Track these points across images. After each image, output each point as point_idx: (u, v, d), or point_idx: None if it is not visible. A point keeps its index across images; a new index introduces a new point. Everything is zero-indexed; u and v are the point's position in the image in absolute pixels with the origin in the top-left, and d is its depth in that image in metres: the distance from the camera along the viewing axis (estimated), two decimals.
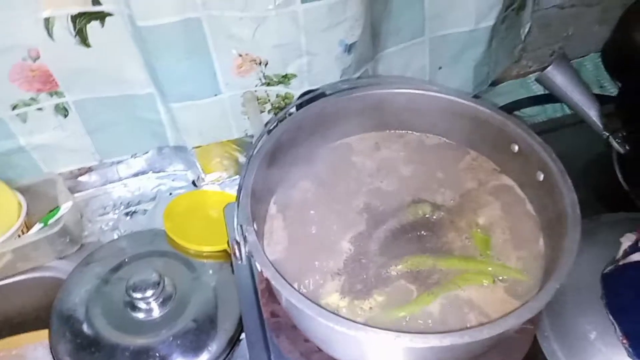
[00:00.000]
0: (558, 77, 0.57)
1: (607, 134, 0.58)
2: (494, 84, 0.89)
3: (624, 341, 0.44)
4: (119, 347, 0.60)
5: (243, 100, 0.69)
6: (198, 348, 0.61)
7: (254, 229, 0.41)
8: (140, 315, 0.63)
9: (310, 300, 0.36)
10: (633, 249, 0.48)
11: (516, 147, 0.48)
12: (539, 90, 0.89)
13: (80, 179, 0.79)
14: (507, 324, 0.34)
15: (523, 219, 0.48)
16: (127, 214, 0.79)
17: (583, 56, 0.91)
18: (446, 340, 0.33)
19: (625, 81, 0.72)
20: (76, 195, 0.79)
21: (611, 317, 0.46)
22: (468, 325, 0.41)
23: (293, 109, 0.52)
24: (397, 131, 0.55)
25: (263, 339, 0.52)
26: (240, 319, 0.63)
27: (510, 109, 0.84)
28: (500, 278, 0.44)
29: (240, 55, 0.65)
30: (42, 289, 0.71)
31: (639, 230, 0.50)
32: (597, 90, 0.87)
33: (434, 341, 0.33)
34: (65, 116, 0.70)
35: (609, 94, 0.85)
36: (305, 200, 0.51)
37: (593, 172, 0.62)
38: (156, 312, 0.64)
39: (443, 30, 0.74)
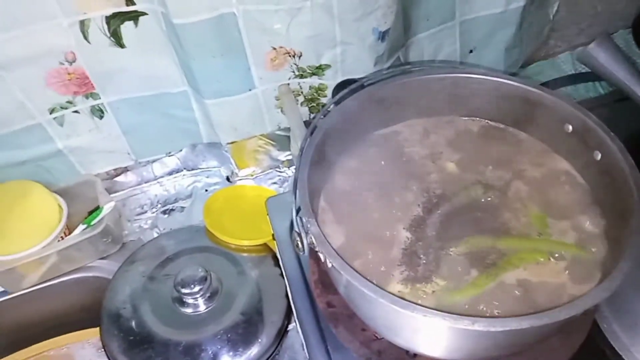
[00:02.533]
0: (601, 54, 0.56)
1: None
2: (523, 65, 0.88)
3: None
4: (170, 342, 0.61)
5: (278, 93, 0.69)
6: (248, 341, 0.61)
7: (316, 221, 0.41)
8: (189, 311, 0.64)
9: (380, 287, 0.36)
10: None
11: (570, 127, 0.47)
12: (568, 70, 0.88)
13: (116, 179, 0.80)
14: (585, 303, 0.34)
15: (579, 198, 0.48)
16: (164, 212, 0.80)
17: (612, 33, 0.90)
18: (525, 323, 0.33)
19: None
20: (113, 195, 0.79)
21: None
22: (534, 305, 0.40)
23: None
24: (445, 117, 0.55)
25: (318, 330, 0.52)
26: (287, 310, 0.64)
27: None
28: (557, 255, 0.44)
29: (274, 49, 0.65)
30: (86, 289, 0.73)
31: None
32: None
33: (513, 324, 0.33)
34: (101, 117, 0.71)
35: None
36: (355, 191, 0.51)
37: (632, 151, 0.60)
38: (204, 307, 0.64)
39: (473, 13, 0.74)
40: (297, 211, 0.42)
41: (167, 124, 0.74)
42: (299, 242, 0.42)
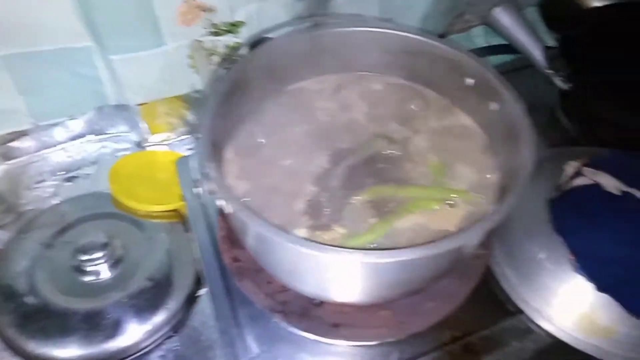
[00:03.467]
0: (504, 18, 0.59)
1: (551, 71, 0.61)
2: (440, 37, 0.90)
3: (571, 257, 0.47)
4: (69, 311, 0.57)
5: (190, 50, 0.66)
6: (154, 306, 0.59)
7: (219, 168, 0.40)
8: (91, 279, 0.60)
9: (277, 226, 0.35)
10: (576, 174, 0.51)
11: (470, 80, 0.49)
12: (480, 43, 0.91)
13: (12, 144, 0.73)
14: (470, 235, 0.35)
15: (476, 148, 0.50)
16: (67, 179, 0.75)
17: (521, 10, 0.94)
18: (416, 253, 0.33)
19: (564, 32, 0.76)
20: (10, 162, 0.73)
21: (560, 238, 0.48)
22: None
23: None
24: (357, 72, 0.55)
25: (225, 287, 0.51)
26: (197, 277, 0.62)
27: None
28: (452, 202, 0.45)
29: (185, 2, 0.62)
30: None
31: (584, 159, 0.53)
32: None
33: (405, 254, 0.33)
34: None
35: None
36: (263, 145, 0.50)
37: (535, 114, 0.64)
38: (107, 274, 0.61)
39: None
40: (200, 158, 0.40)
41: (69, 83, 0.69)
42: (200, 188, 0.40)
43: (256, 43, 0.57)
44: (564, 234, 0.48)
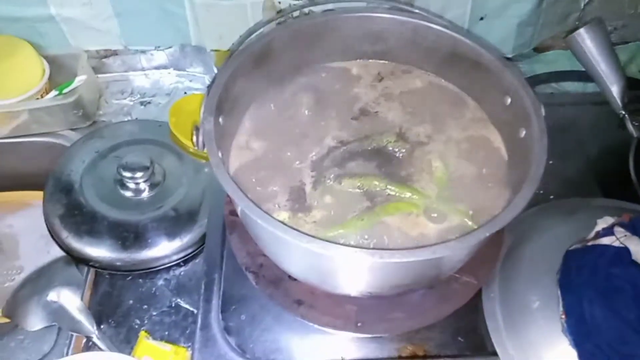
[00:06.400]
0: (588, 42, 0.52)
1: (624, 113, 0.53)
2: (540, 50, 0.83)
3: (563, 316, 0.43)
4: (98, 215, 0.64)
5: (262, 7, 0.68)
6: (172, 235, 0.63)
7: (219, 121, 0.41)
8: (128, 194, 0.67)
9: (245, 193, 0.36)
10: (606, 231, 0.45)
11: (509, 100, 0.45)
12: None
13: (104, 60, 0.82)
14: (441, 249, 0.33)
15: (494, 173, 0.46)
16: (142, 103, 0.82)
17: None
18: (376, 257, 0.32)
19: None
20: (99, 76, 0.82)
21: (559, 293, 0.44)
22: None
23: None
24: (402, 65, 0.52)
25: (222, 235, 0.53)
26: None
27: (547, 79, 0.79)
28: (435, 215, 0.43)
29: None
30: (52, 155, 0.76)
31: (624, 217, 0.47)
32: None
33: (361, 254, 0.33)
34: None
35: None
36: (284, 115, 0.50)
37: (607, 156, 0.57)
38: (142, 194, 0.67)
39: None
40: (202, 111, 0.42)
41: (159, 16, 0.75)
42: (194, 137, 0.42)
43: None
44: (564, 290, 0.43)
